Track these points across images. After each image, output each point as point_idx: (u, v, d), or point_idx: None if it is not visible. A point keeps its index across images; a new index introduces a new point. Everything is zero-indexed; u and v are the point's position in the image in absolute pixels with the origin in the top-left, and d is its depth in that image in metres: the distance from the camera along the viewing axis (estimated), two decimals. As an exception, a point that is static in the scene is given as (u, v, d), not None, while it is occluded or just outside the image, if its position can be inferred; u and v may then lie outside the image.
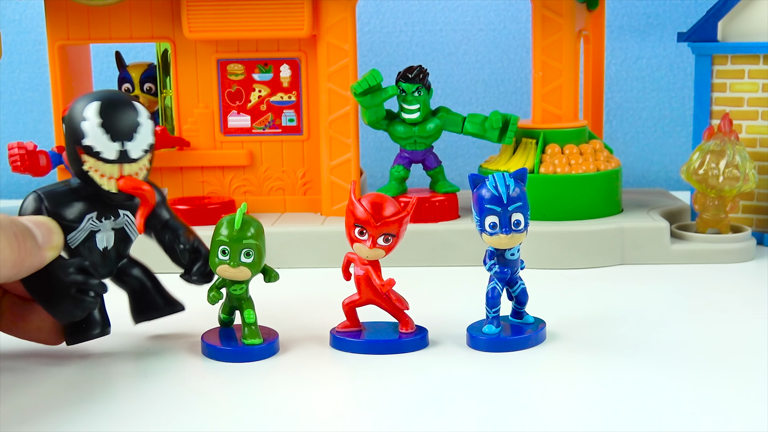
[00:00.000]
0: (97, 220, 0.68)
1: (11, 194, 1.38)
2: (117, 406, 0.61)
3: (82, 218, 0.68)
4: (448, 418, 0.58)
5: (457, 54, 1.41)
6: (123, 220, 0.70)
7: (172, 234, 0.73)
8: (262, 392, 0.63)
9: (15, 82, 1.45)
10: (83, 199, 0.68)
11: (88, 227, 0.68)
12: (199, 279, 0.73)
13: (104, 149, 0.66)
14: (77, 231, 0.68)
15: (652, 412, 0.58)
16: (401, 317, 0.72)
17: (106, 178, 0.67)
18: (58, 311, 0.66)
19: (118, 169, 0.67)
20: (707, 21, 1.01)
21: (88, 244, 0.69)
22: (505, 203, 0.68)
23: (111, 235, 0.70)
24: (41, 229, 0.65)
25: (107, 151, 0.66)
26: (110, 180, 0.67)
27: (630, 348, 0.70)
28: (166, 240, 0.73)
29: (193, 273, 0.72)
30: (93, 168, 0.66)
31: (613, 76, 1.41)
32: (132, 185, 0.67)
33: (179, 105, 1.06)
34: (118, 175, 0.67)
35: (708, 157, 0.95)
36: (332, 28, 1.01)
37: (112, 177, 0.67)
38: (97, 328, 0.69)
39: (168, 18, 1.04)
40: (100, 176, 0.66)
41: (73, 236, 0.68)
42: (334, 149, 1.03)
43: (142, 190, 0.68)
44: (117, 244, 0.70)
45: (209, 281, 0.73)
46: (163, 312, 0.75)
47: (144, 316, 0.74)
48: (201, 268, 0.72)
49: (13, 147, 1.02)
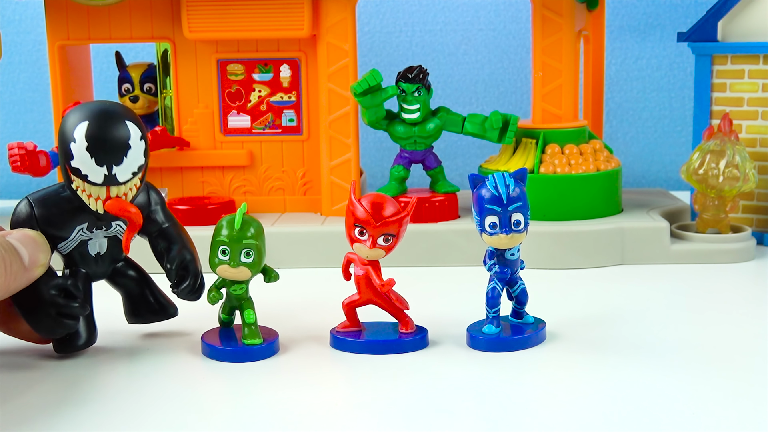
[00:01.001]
0: (87, 230, 0.68)
1: (11, 194, 1.38)
2: (117, 405, 0.61)
3: (73, 229, 0.67)
4: (448, 418, 0.58)
5: (457, 54, 1.41)
6: (115, 229, 0.69)
7: (165, 246, 0.72)
8: (262, 392, 0.63)
9: (15, 82, 1.45)
10: (74, 209, 0.67)
11: (79, 238, 0.68)
12: (186, 297, 0.72)
13: (90, 173, 0.65)
14: (67, 241, 0.68)
15: (652, 412, 0.58)
16: (401, 317, 0.72)
17: (93, 198, 0.66)
18: (39, 327, 0.67)
19: (105, 190, 0.66)
20: (707, 21, 1.01)
21: (80, 249, 0.68)
22: (505, 203, 0.68)
23: (104, 241, 0.69)
24: (29, 247, 0.64)
25: (93, 175, 0.65)
26: (97, 201, 0.66)
27: (630, 348, 0.70)
28: (158, 249, 0.72)
29: (179, 291, 0.72)
30: (80, 188, 0.66)
31: (613, 76, 1.41)
32: (118, 207, 0.66)
33: (179, 105, 1.06)
34: (105, 196, 0.66)
35: (708, 157, 0.95)
36: (332, 28, 1.01)
37: (99, 198, 0.66)
38: (82, 340, 0.69)
39: (168, 18, 1.04)
40: (87, 196, 0.66)
41: (64, 245, 0.68)
42: (334, 149, 1.03)
43: (128, 212, 0.66)
44: (111, 249, 0.70)
45: (196, 299, 0.72)
46: (158, 316, 0.75)
47: (138, 318, 0.74)
48: (188, 287, 0.72)
49: (13, 147, 1.02)
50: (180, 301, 0.74)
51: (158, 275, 0.74)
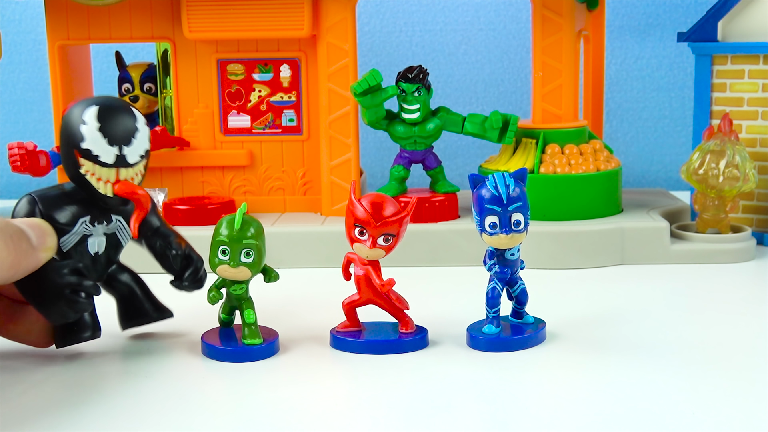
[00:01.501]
0: (90, 224, 0.68)
1: (11, 194, 1.38)
2: (116, 406, 0.61)
3: (76, 222, 0.68)
4: (448, 418, 0.58)
5: (457, 54, 1.41)
6: (115, 225, 0.70)
7: (163, 240, 0.73)
8: (262, 392, 0.63)
9: (15, 82, 1.45)
10: (77, 203, 0.68)
11: (81, 231, 0.68)
12: (190, 285, 0.73)
13: (102, 153, 0.66)
14: (70, 234, 0.68)
15: (652, 412, 0.58)
16: (401, 317, 0.72)
17: (103, 182, 0.67)
18: (51, 312, 0.66)
19: (115, 173, 0.67)
20: (707, 21, 1.01)
21: (80, 248, 0.69)
22: (505, 203, 0.68)
23: (103, 240, 0.70)
24: (35, 231, 0.65)
25: (105, 155, 0.66)
26: (106, 184, 0.67)
27: (630, 348, 0.70)
28: (157, 246, 0.73)
29: (184, 279, 0.72)
30: (90, 172, 0.67)
31: (613, 76, 1.41)
32: (128, 190, 0.68)
33: (179, 105, 1.06)
34: (115, 179, 0.67)
35: (708, 157, 0.95)
36: (332, 28, 1.01)
37: (109, 181, 0.67)
38: (88, 331, 0.69)
39: (168, 18, 1.04)
40: (97, 180, 0.67)
41: (66, 239, 0.68)
42: (334, 149, 1.03)
43: (137, 195, 0.68)
44: (108, 250, 0.70)
45: (200, 287, 0.73)
46: (152, 318, 0.75)
47: (132, 322, 0.75)
48: (192, 275, 0.72)
49: (13, 147, 1.02)
50: (180, 301, 0.74)
51: (153, 275, 0.74)
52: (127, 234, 0.71)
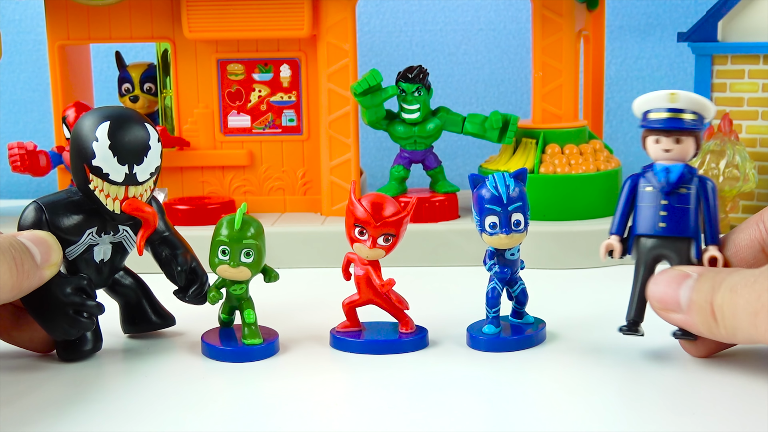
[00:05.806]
0: (96, 234, 0.68)
1: (11, 194, 1.38)
2: (116, 406, 0.61)
3: (83, 233, 0.67)
4: (448, 418, 0.58)
5: (457, 54, 1.41)
6: (122, 235, 0.70)
7: (169, 252, 0.72)
8: (262, 392, 0.63)
9: (15, 82, 1.45)
10: (84, 213, 0.67)
11: (88, 242, 0.68)
12: (193, 301, 0.73)
13: (112, 171, 0.65)
14: (76, 245, 0.67)
15: (652, 412, 0.58)
16: (401, 317, 0.72)
17: (111, 198, 0.66)
18: (53, 328, 0.66)
19: (124, 190, 0.66)
20: (707, 21, 1.01)
21: (86, 256, 0.68)
22: (505, 203, 0.68)
23: (109, 248, 0.69)
24: (40, 246, 0.64)
25: (115, 174, 0.65)
26: (114, 201, 0.66)
27: (630, 348, 0.70)
28: (163, 256, 0.72)
29: (188, 295, 0.72)
30: (99, 188, 0.66)
31: (613, 76, 1.41)
32: (135, 207, 0.67)
33: (179, 105, 1.06)
34: (123, 196, 0.67)
35: (708, 157, 0.95)
36: (332, 28, 1.01)
37: (117, 198, 0.66)
38: (89, 345, 0.69)
39: (168, 18, 1.04)
40: (105, 196, 0.66)
41: (72, 249, 0.67)
42: (334, 149, 1.03)
43: (144, 213, 0.67)
44: (113, 257, 0.70)
45: (203, 303, 0.73)
46: (155, 326, 0.75)
47: (135, 328, 0.74)
48: (197, 291, 0.72)
49: (13, 147, 1.02)
50: (180, 301, 0.74)
51: (154, 281, 0.74)
52: (134, 242, 0.70)
